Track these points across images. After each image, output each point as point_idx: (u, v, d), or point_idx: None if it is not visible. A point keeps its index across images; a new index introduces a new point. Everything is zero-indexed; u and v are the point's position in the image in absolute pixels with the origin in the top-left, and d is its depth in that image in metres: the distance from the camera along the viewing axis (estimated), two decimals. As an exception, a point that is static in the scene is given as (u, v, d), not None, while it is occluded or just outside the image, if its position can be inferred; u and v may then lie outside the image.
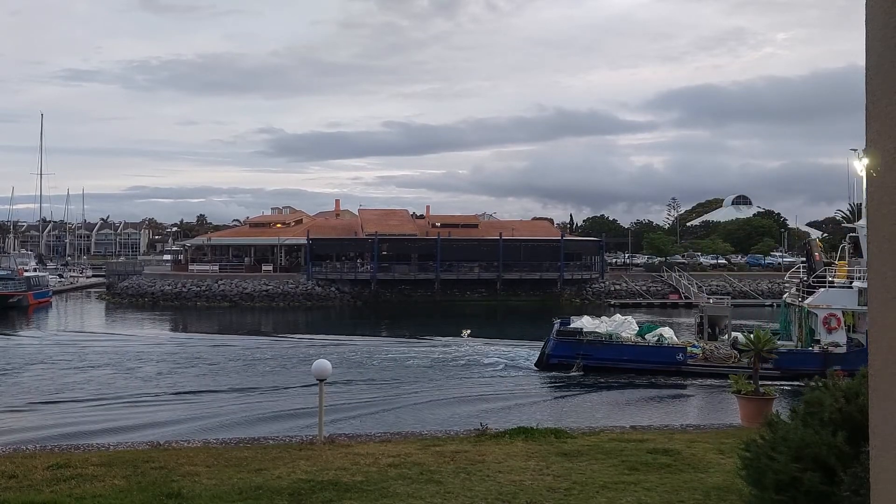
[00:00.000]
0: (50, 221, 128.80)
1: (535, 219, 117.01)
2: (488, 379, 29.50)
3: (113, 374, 30.18)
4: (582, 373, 29.41)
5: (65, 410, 23.45)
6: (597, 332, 30.96)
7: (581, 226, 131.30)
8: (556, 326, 32.43)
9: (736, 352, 27.71)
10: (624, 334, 30.85)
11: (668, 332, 30.74)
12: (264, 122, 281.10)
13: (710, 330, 31.31)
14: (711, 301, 34.94)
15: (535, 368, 31.15)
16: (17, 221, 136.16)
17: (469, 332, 42.37)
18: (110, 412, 23.14)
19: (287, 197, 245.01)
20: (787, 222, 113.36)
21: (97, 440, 14.72)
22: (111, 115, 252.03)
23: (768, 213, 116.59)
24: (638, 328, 31.50)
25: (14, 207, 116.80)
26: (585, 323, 32.18)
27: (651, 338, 30.28)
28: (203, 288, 68.36)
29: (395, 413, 22.97)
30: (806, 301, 29.60)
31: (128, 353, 36.08)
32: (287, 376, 29.74)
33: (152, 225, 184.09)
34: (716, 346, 29.24)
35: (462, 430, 12.52)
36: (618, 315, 33.79)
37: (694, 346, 29.54)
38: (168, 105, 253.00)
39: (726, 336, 30.44)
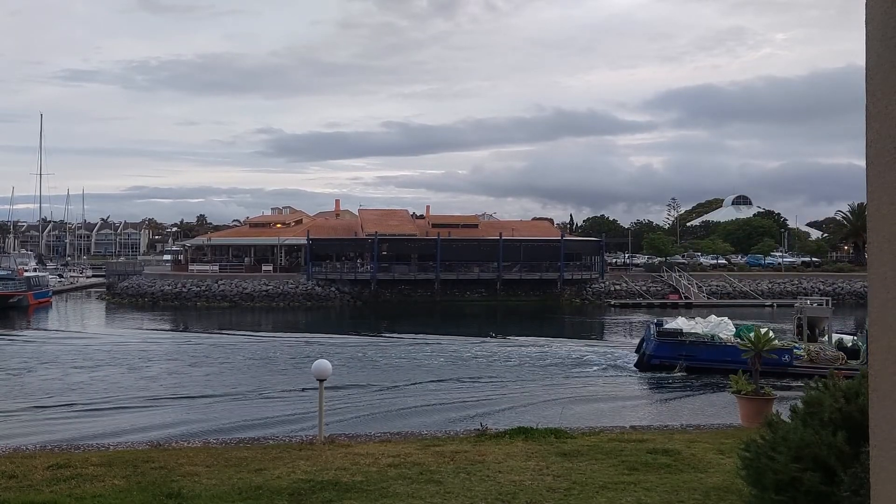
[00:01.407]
0: (50, 221, 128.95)
1: (535, 219, 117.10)
2: (593, 379, 29.52)
3: (113, 375, 30.15)
4: (685, 373, 29.33)
5: (65, 411, 23.41)
6: (697, 333, 30.87)
7: (581, 226, 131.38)
8: (653, 328, 32.39)
9: (843, 353, 27.81)
10: (722, 335, 30.66)
11: (770, 334, 30.48)
12: (264, 122, 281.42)
13: (808, 331, 31.04)
14: (809, 302, 34.73)
15: (635, 369, 31.27)
16: (17, 221, 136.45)
17: (493, 333, 43.24)
18: (110, 412, 23.13)
19: (286, 197, 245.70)
20: (787, 222, 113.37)
21: (97, 440, 14.71)
22: (111, 115, 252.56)
23: (768, 213, 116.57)
24: (735, 329, 31.30)
25: (14, 207, 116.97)
26: (681, 324, 32.05)
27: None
28: (203, 288, 68.36)
29: (516, 411, 22.56)
30: None
31: (128, 353, 36.07)
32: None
33: (152, 225, 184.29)
34: (820, 348, 29.09)
35: (462, 430, 12.53)
36: (713, 316, 33.41)
37: (796, 347, 29.37)
38: (168, 105, 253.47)
39: (825, 337, 30.27)
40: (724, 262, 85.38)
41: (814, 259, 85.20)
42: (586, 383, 28.46)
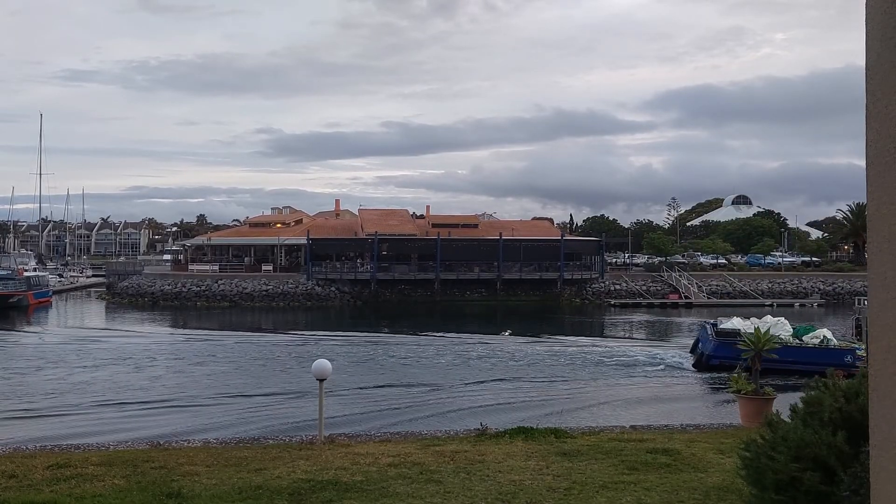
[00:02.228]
0: (50, 221, 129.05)
1: (535, 219, 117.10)
2: (653, 380, 29.34)
3: (113, 375, 30.13)
4: (745, 374, 29.14)
5: (65, 411, 23.41)
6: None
7: (581, 226, 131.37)
8: (710, 329, 32.10)
9: None
10: (781, 335, 30.30)
11: (829, 334, 30.13)
12: (263, 122, 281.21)
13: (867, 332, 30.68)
14: (867, 302, 34.49)
15: (693, 369, 31.04)
16: (17, 221, 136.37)
17: (510, 331, 43.34)
18: (110, 413, 23.12)
19: (286, 197, 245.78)
20: (787, 222, 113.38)
21: (97, 440, 14.71)
22: (111, 115, 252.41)
23: (768, 213, 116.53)
24: (792, 329, 30.99)
25: (14, 207, 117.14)
26: (737, 324, 31.59)
27: (810, 339, 29.65)
28: (203, 288, 68.36)
29: (581, 413, 22.35)
30: None
31: (129, 353, 36.06)
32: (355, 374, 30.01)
33: (152, 225, 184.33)
34: None
35: (462, 429, 12.53)
36: (769, 316, 33.05)
37: (857, 348, 28.93)
38: (167, 105, 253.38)
39: None
40: (724, 261, 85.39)
41: (814, 259, 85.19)
42: (646, 384, 28.11)
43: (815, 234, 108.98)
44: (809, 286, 73.01)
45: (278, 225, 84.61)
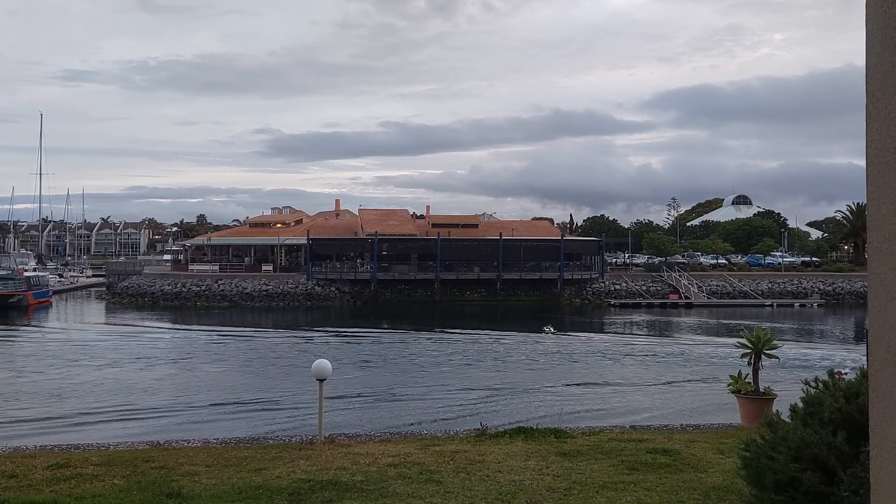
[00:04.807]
0: (50, 221, 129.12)
1: (535, 219, 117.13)
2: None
3: (113, 375, 30.13)
4: None
5: (65, 411, 23.40)
6: None
7: (581, 226, 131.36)
8: None
9: None
10: None
11: None
12: (262, 122, 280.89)
13: None
14: None
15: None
16: (17, 221, 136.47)
17: (552, 328, 44.03)
18: (108, 413, 23.11)
19: (285, 197, 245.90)
20: (788, 222, 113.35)
21: (97, 440, 14.70)
22: (110, 115, 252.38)
23: (768, 213, 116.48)
24: None
25: (14, 207, 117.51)
26: None
27: None
28: (203, 288, 68.37)
29: None
30: None
31: (129, 354, 36.06)
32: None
33: (152, 225, 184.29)
34: None
35: (462, 429, 12.53)
36: None
37: None
38: (166, 105, 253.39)
39: None
40: (724, 262, 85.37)
41: (814, 259, 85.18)
42: None
43: (815, 234, 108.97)
44: (809, 286, 73.02)
45: (278, 225, 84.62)
